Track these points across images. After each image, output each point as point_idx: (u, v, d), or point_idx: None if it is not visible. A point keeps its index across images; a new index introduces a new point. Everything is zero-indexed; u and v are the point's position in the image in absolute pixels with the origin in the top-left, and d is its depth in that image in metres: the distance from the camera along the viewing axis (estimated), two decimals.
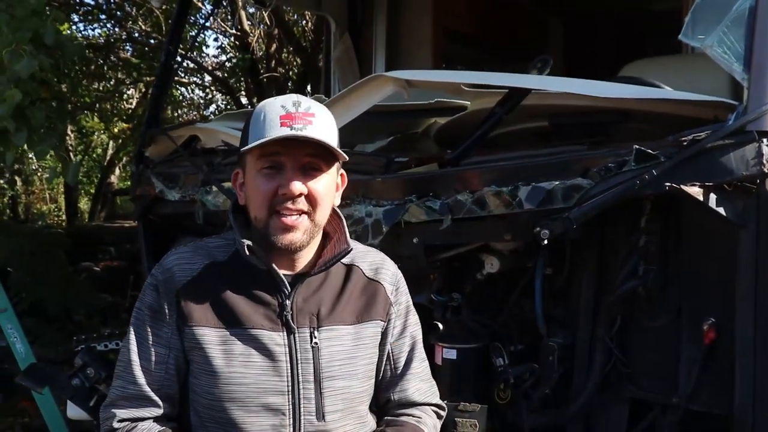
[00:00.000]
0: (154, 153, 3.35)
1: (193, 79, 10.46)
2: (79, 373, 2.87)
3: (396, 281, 1.54)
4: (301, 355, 1.39)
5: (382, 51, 4.43)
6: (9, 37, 3.34)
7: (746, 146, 1.71)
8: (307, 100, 1.39)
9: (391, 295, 1.51)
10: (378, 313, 1.48)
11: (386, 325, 1.51)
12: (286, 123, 1.33)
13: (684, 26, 1.89)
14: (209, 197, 2.76)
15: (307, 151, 1.35)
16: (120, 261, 9.02)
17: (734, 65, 1.78)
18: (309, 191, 1.36)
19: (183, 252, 1.45)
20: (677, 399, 1.95)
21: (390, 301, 1.51)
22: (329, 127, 1.39)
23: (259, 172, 1.37)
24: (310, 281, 1.43)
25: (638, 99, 1.99)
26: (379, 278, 1.51)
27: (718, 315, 1.86)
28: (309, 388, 1.39)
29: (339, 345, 1.43)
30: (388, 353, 1.53)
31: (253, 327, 1.38)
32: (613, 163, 1.83)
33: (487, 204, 1.97)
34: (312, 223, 1.39)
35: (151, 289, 1.43)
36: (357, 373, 1.45)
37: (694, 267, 1.94)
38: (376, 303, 1.48)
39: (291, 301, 1.40)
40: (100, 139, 13.21)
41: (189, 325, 1.39)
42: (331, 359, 1.41)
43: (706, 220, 1.84)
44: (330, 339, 1.42)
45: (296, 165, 1.36)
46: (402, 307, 1.55)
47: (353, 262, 1.50)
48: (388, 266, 1.55)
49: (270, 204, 1.36)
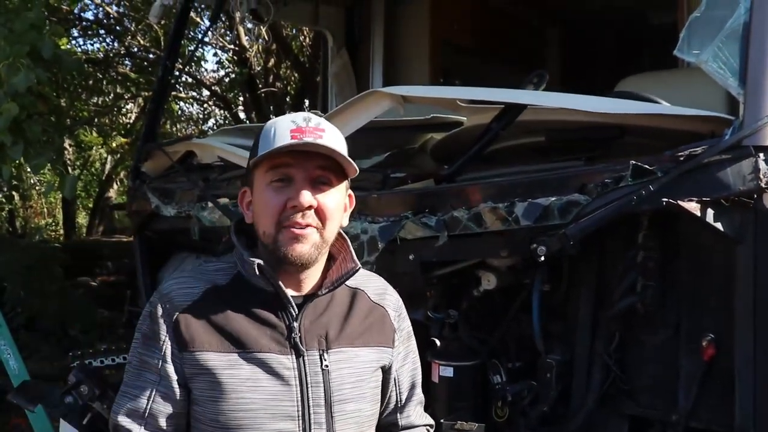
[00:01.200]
0: (150, 168, 3.35)
1: (192, 94, 10.50)
2: (72, 390, 2.84)
3: (398, 307, 1.54)
4: (311, 378, 1.36)
5: (379, 65, 4.44)
6: (7, 50, 3.36)
7: (743, 161, 1.70)
8: (318, 118, 1.39)
9: (394, 321, 1.51)
10: (384, 338, 1.47)
11: (393, 352, 1.49)
12: (297, 136, 1.32)
13: (679, 41, 1.89)
14: (205, 213, 2.75)
15: (318, 163, 1.34)
16: (117, 276, 9.01)
17: (730, 80, 1.78)
18: (318, 205, 1.34)
19: (181, 277, 1.42)
20: (677, 416, 1.93)
21: (394, 327, 1.50)
22: (340, 143, 1.37)
23: (269, 186, 1.35)
24: (317, 302, 1.40)
25: (635, 114, 1.98)
26: (384, 304, 1.50)
27: (717, 331, 1.85)
28: (320, 413, 1.36)
29: (348, 367, 1.40)
30: (394, 379, 1.52)
31: (261, 350, 1.34)
32: (610, 179, 1.82)
33: (483, 220, 1.96)
34: (321, 239, 1.35)
35: (146, 316, 1.40)
36: (366, 396, 1.43)
37: (692, 282, 1.93)
38: (382, 328, 1.47)
39: (299, 323, 1.37)
40: (98, 154, 13.22)
41: (190, 350, 1.34)
42: (342, 382, 1.39)
43: (704, 235, 1.83)
44: (340, 361, 1.39)
45: (306, 177, 1.34)
46: (404, 333, 1.54)
47: (358, 286, 1.48)
48: (391, 292, 1.54)
49: (279, 218, 1.33)
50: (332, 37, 4.48)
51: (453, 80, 5.04)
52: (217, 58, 15.97)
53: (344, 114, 2.30)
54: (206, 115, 11.88)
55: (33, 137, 3.48)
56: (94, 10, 8.81)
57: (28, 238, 11.40)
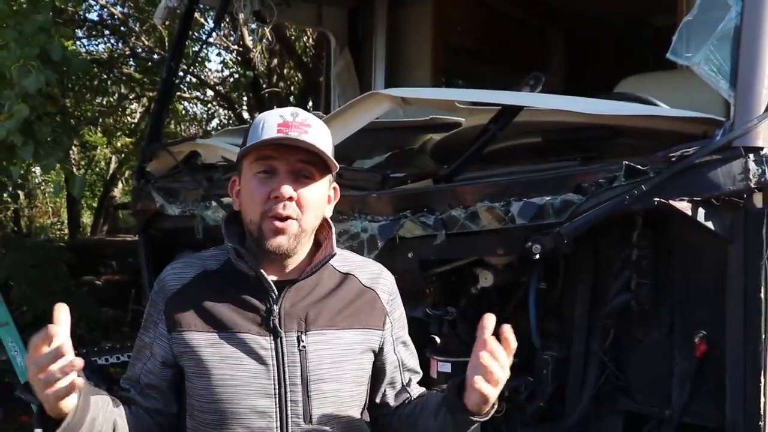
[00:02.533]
0: (155, 168, 3.39)
1: (196, 94, 10.54)
2: None
3: (392, 291, 1.58)
4: (288, 358, 1.42)
5: (381, 66, 4.47)
6: (17, 53, 3.41)
7: (733, 162, 1.74)
8: (305, 113, 1.45)
9: (386, 304, 1.55)
10: (373, 321, 1.52)
11: (384, 334, 1.54)
12: (282, 130, 1.39)
13: (672, 44, 1.92)
14: (209, 212, 2.80)
15: (300, 157, 1.40)
16: (122, 275, 9.05)
17: (721, 83, 1.82)
18: (299, 197, 1.40)
19: (178, 263, 1.52)
20: (670, 412, 1.97)
21: (386, 311, 1.55)
22: (324, 138, 1.43)
23: (254, 177, 1.41)
24: (299, 286, 1.46)
25: (629, 116, 2.02)
26: (376, 287, 1.54)
27: (709, 328, 1.89)
28: (296, 391, 1.43)
29: (327, 349, 1.45)
30: (398, 361, 1.58)
31: (240, 331, 1.42)
32: (604, 179, 1.86)
33: (480, 219, 2.00)
34: (300, 229, 1.42)
35: (149, 300, 1.53)
36: (346, 377, 1.47)
37: (685, 280, 1.96)
38: (371, 311, 1.52)
39: (279, 306, 1.43)
40: (102, 153, 13.28)
41: (178, 330, 1.44)
42: (319, 362, 1.44)
43: (696, 234, 1.87)
44: (318, 343, 1.45)
45: (289, 170, 1.40)
46: (397, 314, 1.59)
47: (350, 271, 1.54)
48: (386, 276, 1.58)
49: (263, 208, 1.40)
50: (335, 38, 4.52)
51: (455, 82, 5.09)
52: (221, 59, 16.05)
53: (345, 115, 2.34)
54: (210, 115, 11.93)
55: (42, 138, 3.53)
56: (98, 11, 8.87)
57: (33, 238, 11.46)
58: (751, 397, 1.80)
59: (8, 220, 12.11)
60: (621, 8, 5.30)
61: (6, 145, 3.63)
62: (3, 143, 3.58)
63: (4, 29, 3.67)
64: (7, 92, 3.52)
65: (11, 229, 12.31)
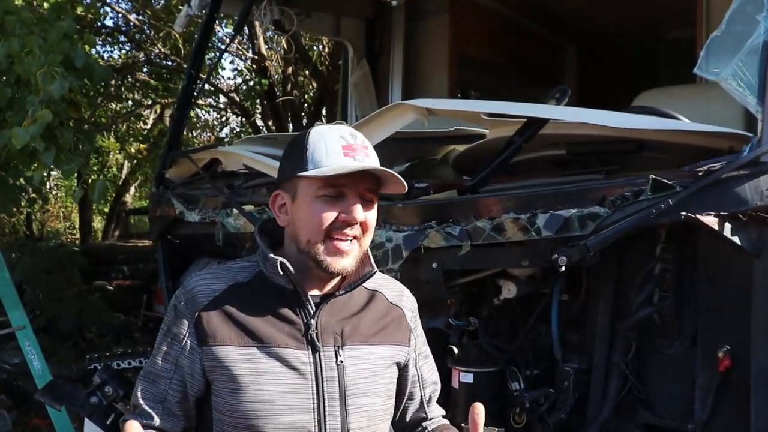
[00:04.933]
0: (174, 175, 3.42)
1: (209, 101, 10.60)
2: (97, 390, 2.91)
3: (414, 308, 1.61)
4: (326, 373, 1.42)
5: (398, 77, 4.50)
6: (41, 59, 3.44)
7: (761, 177, 1.75)
8: (359, 134, 1.45)
9: (410, 321, 1.57)
10: (400, 337, 1.54)
11: (409, 350, 1.56)
12: (349, 154, 1.39)
13: (699, 59, 1.93)
14: (230, 219, 2.81)
15: (368, 186, 1.41)
16: (133, 280, 9.10)
17: (749, 98, 1.83)
18: (365, 220, 1.42)
19: (205, 274, 1.49)
20: (693, 426, 1.96)
21: (410, 327, 1.57)
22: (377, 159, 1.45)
23: (319, 198, 1.40)
24: (334, 302, 1.46)
25: (654, 130, 2.03)
26: (401, 305, 1.57)
27: (733, 342, 1.89)
28: (334, 405, 1.42)
29: (362, 363, 1.46)
30: (418, 377, 1.60)
31: (278, 345, 1.40)
32: (630, 192, 1.87)
33: (505, 230, 2.00)
34: (359, 250, 1.44)
35: (171, 309, 1.48)
36: (379, 391, 1.48)
37: (709, 295, 1.97)
38: (398, 328, 1.54)
39: (316, 321, 1.43)
40: (115, 159, 13.36)
41: (210, 345, 1.39)
42: (355, 377, 1.45)
43: (721, 249, 1.87)
44: (353, 357, 1.45)
45: (357, 194, 1.40)
46: (419, 331, 1.61)
47: (377, 289, 1.55)
48: (408, 295, 1.61)
49: (328, 229, 1.39)
50: (353, 48, 4.55)
51: (470, 93, 5.11)
52: (234, 66, 16.14)
53: (370, 125, 2.35)
54: (223, 122, 11.99)
55: (65, 143, 3.57)
56: (113, 18, 8.95)
57: (45, 242, 11.52)
58: None
59: (21, 224, 12.19)
60: (636, 22, 5.33)
61: (28, 150, 3.67)
62: (25, 148, 3.62)
63: (29, 36, 3.72)
64: (31, 98, 3.56)
65: (23, 233, 12.38)
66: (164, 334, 1.46)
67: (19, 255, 7.67)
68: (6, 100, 3.70)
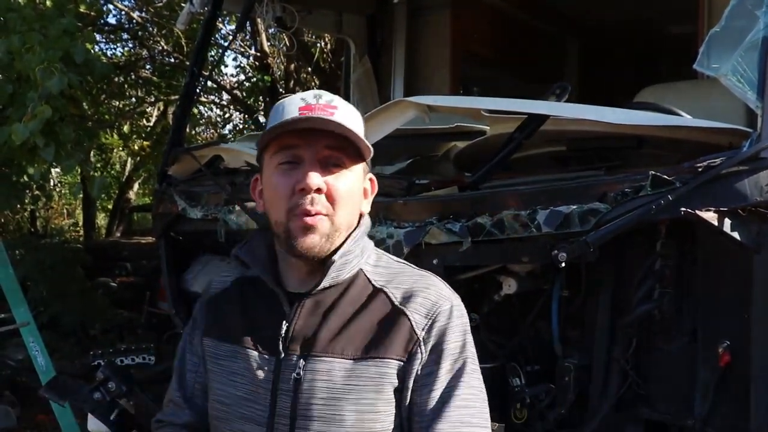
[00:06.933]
0: (176, 171, 3.42)
1: (211, 98, 10.61)
2: (100, 386, 2.92)
3: (432, 314, 1.25)
4: (282, 384, 1.23)
5: (400, 74, 4.50)
6: (41, 55, 3.46)
7: (760, 173, 1.75)
8: (330, 95, 1.27)
9: (419, 329, 1.24)
10: (393, 349, 1.23)
11: (405, 366, 1.23)
12: (305, 113, 1.21)
13: (699, 55, 1.93)
14: (232, 216, 2.82)
15: (327, 142, 1.21)
16: (136, 277, 9.13)
17: (748, 93, 1.83)
18: (328, 188, 1.21)
19: (227, 266, 1.49)
20: (693, 421, 1.97)
21: (417, 337, 1.23)
22: (353, 120, 1.25)
23: (276, 169, 1.24)
24: (319, 302, 1.26)
25: (655, 125, 2.03)
26: (408, 307, 1.26)
27: (733, 338, 1.89)
28: (284, 424, 1.23)
29: (325, 381, 1.21)
30: (411, 401, 1.24)
31: (248, 347, 1.28)
32: (630, 188, 1.87)
33: (506, 227, 2.01)
34: (331, 226, 1.22)
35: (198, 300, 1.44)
36: (343, 420, 1.20)
37: (709, 290, 1.97)
38: (393, 337, 1.23)
39: (291, 322, 1.25)
40: (118, 156, 13.39)
41: (207, 335, 1.36)
42: (311, 396, 1.21)
43: (721, 244, 1.87)
44: (316, 372, 1.22)
45: (315, 158, 1.21)
46: (437, 346, 1.25)
47: (385, 286, 1.29)
48: (430, 295, 1.28)
49: (288, 204, 1.22)
50: (355, 45, 4.55)
51: (472, 90, 5.12)
52: (237, 62, 16.13)
53: (371, 122, 2.35)
54: (225, 119, 12.00)
55: (65, 139, 3.59)
56: (116, 15, 8.97)
57: (49, 239, 11.56)
58: None
59: (25, 221, 12.22)
60: (638, 17, 5.32)
61: (28, 146, 3.69)
62: (25, 144, 3.64)
63: (29, 32, 3.73)
64: (31, 94, 3.58)
65: (27, 229, 12.42)
66: (190, 326, 1.42)
67: (23, 252, 7.70)
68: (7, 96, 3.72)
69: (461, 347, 1.28)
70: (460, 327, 1.29)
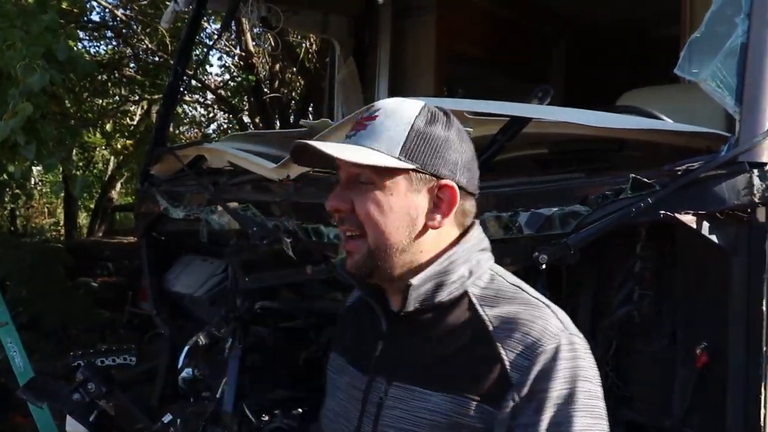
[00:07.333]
0: (159, 171, 3.41)
1: (196, 97, 10.56)
2: (80, 387, 2.90)
3: (533, 353, 1.07)
4: (368, 407, 1.19)
5: (385, 74, 4.51)
6: (23, 51, 3.43)
7: (738, 176, 1.76)
8: (378, 104, 1.20)
9: (513, 370, 1.07)
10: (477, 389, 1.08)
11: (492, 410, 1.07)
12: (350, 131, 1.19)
13: (680, 60, 1.95)
14: (214, 216, 2.81)
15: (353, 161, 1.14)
16: (118, 277, 9.06)
17: (727, 99, 1.85)
18: (354, 207, 1.15)
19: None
20: (671, 422, 1.99)
21: (509, 380, 1.06)
22: (387, 130, 1.15)
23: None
24: (414, 324, 1.16)
25: (635, 129, 2.05)
26: (505, 343, 1.09)
27: (711, 339, 1.91)
28: None
29: (402, 410, 1.13)
30: None
31: (351, 363, 1.26)
32: (610, 191, 1.88)
33: (487, 229, 2.01)
34: (369, 247, 1.14)
35: None
36: None
37: (688, 292, 1.99)
38: (480, 375, 1.08)
39: (385, 343, 1.20)
40: (101, 155, 13.29)
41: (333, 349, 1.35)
42: (388, 424, 1.14)
43: (700, 247, 1.89)
44: (396, 399, 1.14)
45: (345, 177, 1.17)
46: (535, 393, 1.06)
47: (486, 314, 1.14)
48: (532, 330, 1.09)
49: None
50: (340, 45, 4.55)
51: (457, 91, 5.13)
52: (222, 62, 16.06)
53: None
54: (210, 119, 11.95)
55: (47, 137, 3.56)
56: (100, 12, 8.90)
57: (29, 238, 11.45)
58: (751, 408, 1.82)
59: (5, 220, 12.09)
60: (623, 18, 5.36)
61: (9, 143, 3.66)
62: (6, 142, 3.60)
63: (11, 29, 3.70)
64: (12, 91, 3.55)
65: (7, 228, 12.29)
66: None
67: (2, 251, 7.61)
68: None
69: (568, 397, 1.07)
70: (568, 372, 1.08)
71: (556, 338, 1.09)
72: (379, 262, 1.15)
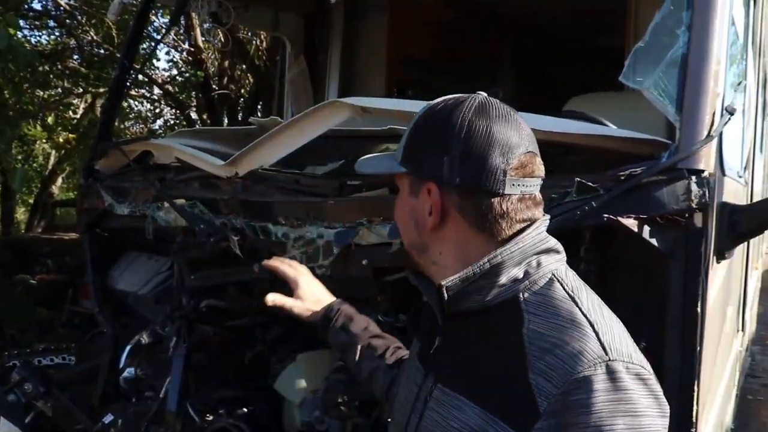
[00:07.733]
0: (104, 166, 3.33)
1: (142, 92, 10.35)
2: (15, 388, 2.81)
3: (565, 381, 0.96)
4: (417, 404, 1.18)
5: (336, 75, 4.50)
6: None
7: (677, 182, 1.83)
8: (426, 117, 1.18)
9: (542, 397, 0.96)
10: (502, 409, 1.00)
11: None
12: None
13: (624, 68, 2.01)
14: (161, 213, 2.76)
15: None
16: (58, 274, 8.79)
17: (668, 107, 1.91)
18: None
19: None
20: None
21: (536, 408, 0.96)
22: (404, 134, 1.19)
23: None
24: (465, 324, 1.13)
25: (582, 134, 2.10)
26: (536, 365, 0.99)
27: (650, 340, 1.96)
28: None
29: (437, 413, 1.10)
30: None
31: (418, 353, 1.29)
32: (556, 194, 1.92)
33: None
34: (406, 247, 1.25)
35: None
36: None
37: (629, 294, 2.04)
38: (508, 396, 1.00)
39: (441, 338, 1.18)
40: (41, 148, 12.89)
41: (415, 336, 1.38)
42: (426, 426, 1.13)
43: (641, 250, 1.95)
44: (436, 401, 1.12)
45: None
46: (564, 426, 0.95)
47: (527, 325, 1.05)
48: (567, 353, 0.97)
49: None
50: (291, 44, 4.53)
51: (407, 93, 5.16)
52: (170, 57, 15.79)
53: (304, 122, 2.35)
54: (156, 114, 11.72)
55: None
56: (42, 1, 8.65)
57: None
58: (686, 406, 1.89)
59: None
60: (571, 27, 5.47)
61: None
62: None
63: None
64: None
65: None
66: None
67: None
68: None
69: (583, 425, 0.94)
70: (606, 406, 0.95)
71: (591, 365, 0.97)
72: (412, 259, 1.20)
